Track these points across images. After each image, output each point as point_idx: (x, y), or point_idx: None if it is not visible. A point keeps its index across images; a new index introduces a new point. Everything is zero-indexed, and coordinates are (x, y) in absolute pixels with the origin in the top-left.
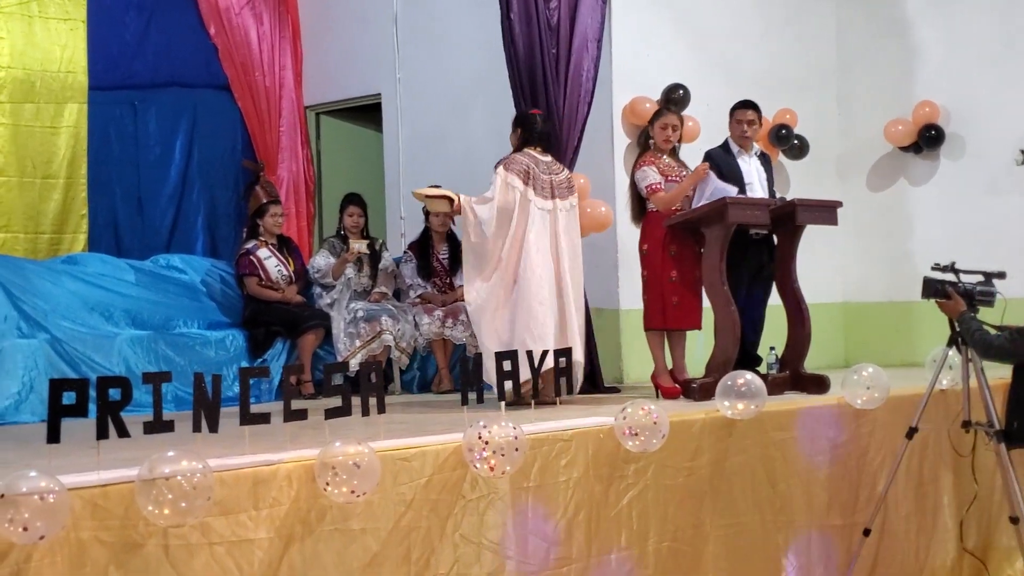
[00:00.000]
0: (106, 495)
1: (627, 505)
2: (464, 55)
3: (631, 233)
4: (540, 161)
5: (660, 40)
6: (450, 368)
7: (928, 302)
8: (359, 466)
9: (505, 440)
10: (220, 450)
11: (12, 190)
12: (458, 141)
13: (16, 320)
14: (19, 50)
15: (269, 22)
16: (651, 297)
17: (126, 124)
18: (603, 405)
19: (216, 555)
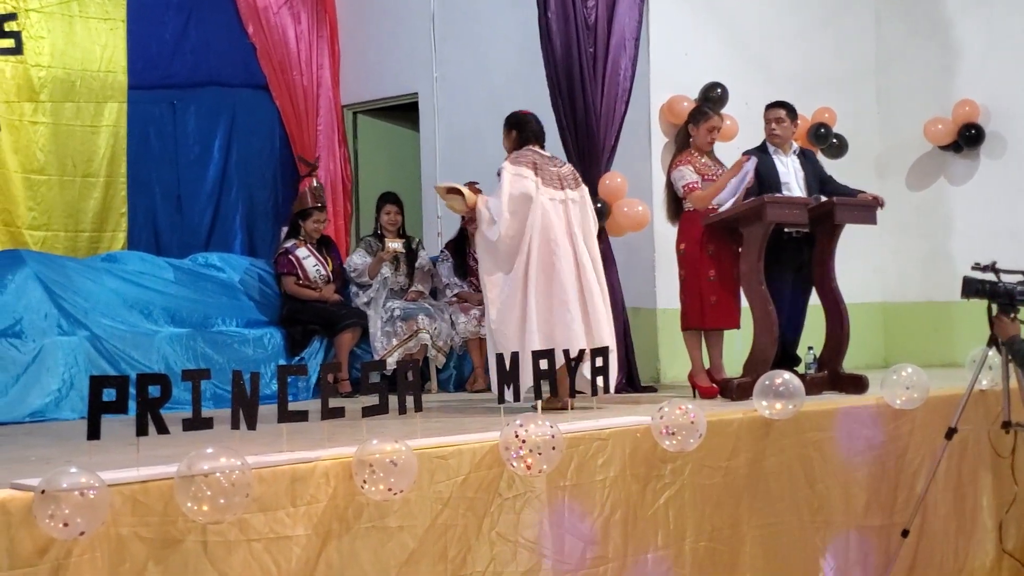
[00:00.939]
0: (146, 491)
1: (664, 505)
2: (501, 54)
3: (668, 232)
4: (542, 155)
5: (698, 39)
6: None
7: (968, 302)
8: (396, 464)
9: (542, 439)
10: (258, 447)
11: (53, 189)
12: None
13: (57, 318)
14: (60, 50)
15: (307, 21)
16: (689, 297)
17: (165, 123)
18: (640, 404)
19: (254, 552)
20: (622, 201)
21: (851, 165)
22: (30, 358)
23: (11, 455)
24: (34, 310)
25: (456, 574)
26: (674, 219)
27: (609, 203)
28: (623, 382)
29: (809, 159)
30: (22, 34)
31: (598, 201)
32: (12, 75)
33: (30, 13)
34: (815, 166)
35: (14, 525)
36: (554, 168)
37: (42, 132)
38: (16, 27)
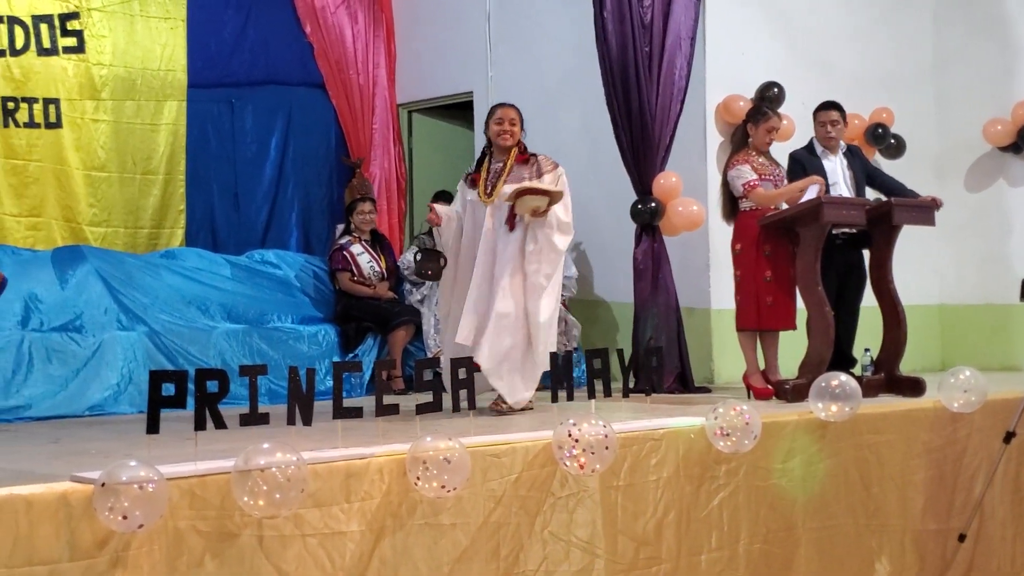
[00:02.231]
0: (203, 485)
1: (718, 506)
2: (556, 53)
3: (723, 232)
4: None
5: (755, 38)
6: None
7: None
8: (449, 461)
9: (595, 438)
10: (313, 443)
11: (113, 186)
12: (548, 139)
13: (116, 313)
14: (121, 49)
15: (364, 21)
16: (744, 297)
17: (223, 121)
18: (694, 405)
19: (309, 547)
20: (677, 200)
21: (909, 166)
22: (90, 353)
23: (71, 448)
24: (94, 305)
25: (508, 572)
26: (730, 219)
27: (664, 202)
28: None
29: (856, 156)
30: (84, 33)
31: (652, 200)
32: (74, 73)
33: (92, 12)
34: (862, 162)
35: (75, 517)
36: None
37: (103, 130)
38: (79, 26)
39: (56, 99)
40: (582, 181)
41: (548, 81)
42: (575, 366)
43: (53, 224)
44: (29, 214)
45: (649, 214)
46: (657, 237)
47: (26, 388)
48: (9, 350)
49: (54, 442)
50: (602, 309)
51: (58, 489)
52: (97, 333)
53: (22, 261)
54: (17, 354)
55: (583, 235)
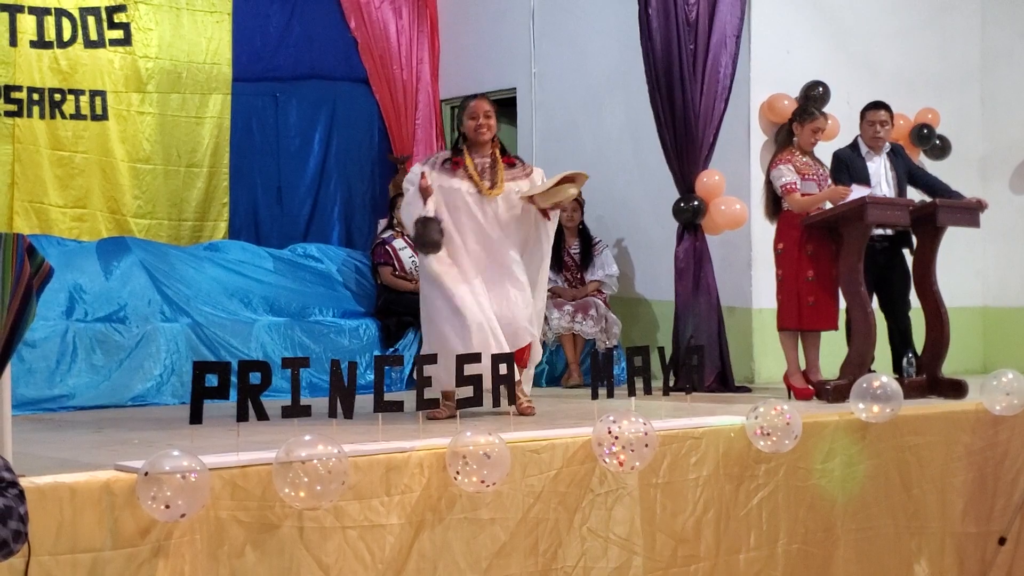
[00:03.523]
0: (245, 476)
1: (757, 506)
2: (600, 50)
3: (765, 231)
4: None
5: (800, 37)
6: (580, 363)
7: None
8: (489, 456)
9: (635, 436)
10: (354, 436)
11: (158, 178)
12: (592, 136)
13: (160, 304)
14: (167, 42)
15: (408, 16)
16: (786, 297)
17: (267, 115)
18: (734, 404)
19: (349, 539)
20: (719, 199)
21: (954, 167)
22: (133, 343)
23: (115, 438)
24: (138, 296)
25: (547, 568)
26: (772, 218)
27: (706, 201)
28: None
29: (899, 156)
30: (131, 26)
31: (694, 198)
32: (121, 66)
33: (139, 5)
34: (906, 162)
35: (118, 506)
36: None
37: (148, 122)
38: (125, 19)
39: (102, 91)
40: (625, 178)
41: (592, 78)
42: (615, 363)
43: (98, 215)
44: (75, 205)
45: (691, 212)
46: (699, 235)
47: (70, 378)
48: (54, 340)
49: (97, 431)
50: (643, 307)
51: (102, 478)
52: (141, 324)
53: (67, 252)
54: (62, 344)
55: (625, 232)
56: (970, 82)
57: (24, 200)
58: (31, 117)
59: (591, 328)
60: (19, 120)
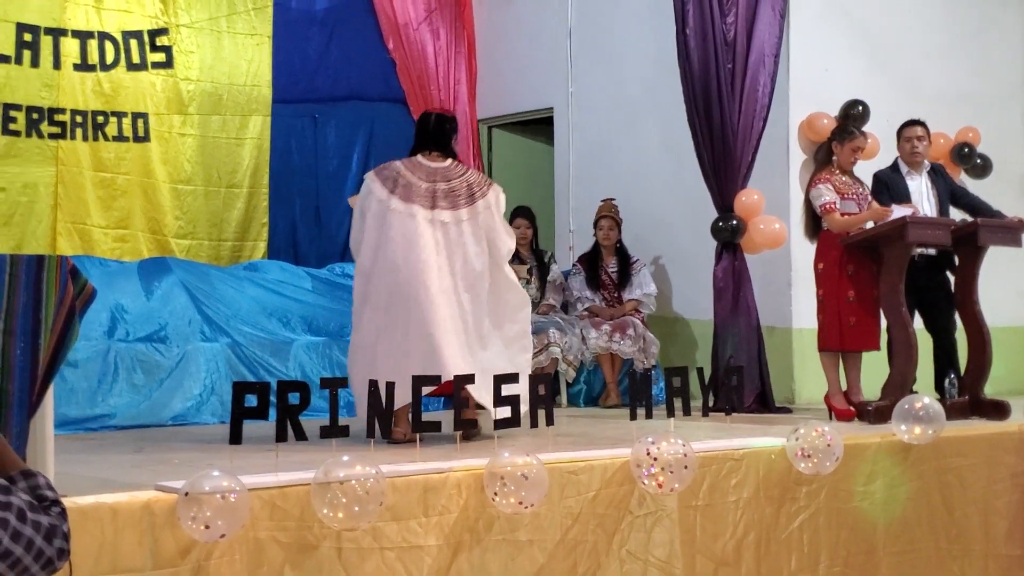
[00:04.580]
0: (284, 496)
1: (798, 528)
2: (637, 69)
3: (805, 251)
4: (422, 167)
5: (839, 55)
6: (618, 383)
7: None
8: (527, 477)
9: (674, 457)
10: (392, 456)
11: (199, 199)
12: (629, 155)
13: (200, 324)
14: (208, 64)
15: (445, 37)
16: (827, 317)
17: (306, 136)
18: (774, 425)
19: (387, 560)
20: (758, 218)
21: (995, 186)
22: (174, 363)
23: (155, 457)
24: (179, 316)
25: None
26: (812, 237)
27: (745, 220)
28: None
29: (939, 174)
30: (173, 49)
31: (733, 217)
32: (163, 88)
33: (181, 29)
34: (946, 181)
35: (158, 526)
36: (430, 183)
37: (190, 144)
38: (167, 42)
39: (145, 113)
40: (662, 197)
41: (629, 97)
42: (653, 383)
43: (140, 236)
44: (117, 226)
45: (730, 231)
46: (738, 255)
47: (111, 397)
48: (95, 360)
49: (138, 451)
50: (681, 326)
51: (142, 498)
52: (181, 344)
53: (109, 272)
54: (103, 364)
55: (663, 251)
56: (1011, 100)
57: (67, 221)
58: (74, 139)
59: (629, 348)
60: (63, 142)
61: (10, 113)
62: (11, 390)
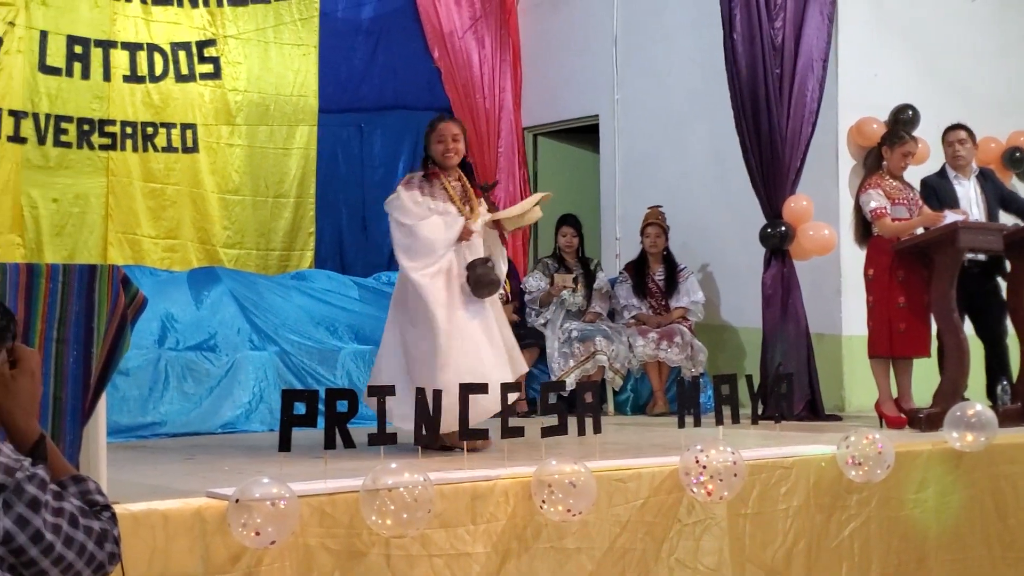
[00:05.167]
0: (333, 503)
1: (849, 536)
2: (683, 75)
3: (854, 257)
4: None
5: (888, 59)
6: (665, 391)
7: None
8: (575, 485)
9: (723, 465)
10: (439, 464)
11: (246, 208)
12: (675, 162)
13: (248, 333)
14: (255, 75)
15: (491, 45)
16: (877, 323)
17: (352, 145)
18: (824, 433)
19: (435, 567)
20: (807, 224)
21: None
22: (223, 371)
23: (205, 465)
24: (228, 325)
25: None
26: (862, 243)
27: (794, 226)
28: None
29: (989, 179)
30: (221, 60)
31: (782, 224)
32: (211, 99)
33: (228, 40)
34: (996, 186)
35: (209, 533)
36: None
37: (237, 154)
38: (215, 53)
39: (193, 124)
40: (709, 204)
41: (675, 103)
42: (701, 391)
43: (189, 246)
44: (166, 236)
45: (779, 238)
46: (787, 261)
47: (162, 405)
48: (146, 368)
49: (188, 458)
50: (729, 334)
51: (194, 504)
52: (230, 352)
53: (159, 282)
54: (154, 372)
55: (710, 258)
56: None
57: (118, 231)
58: (124, 150)
59: (676, 355)
60: (113, 153)
61: (61, 125)
62: (64, 398)
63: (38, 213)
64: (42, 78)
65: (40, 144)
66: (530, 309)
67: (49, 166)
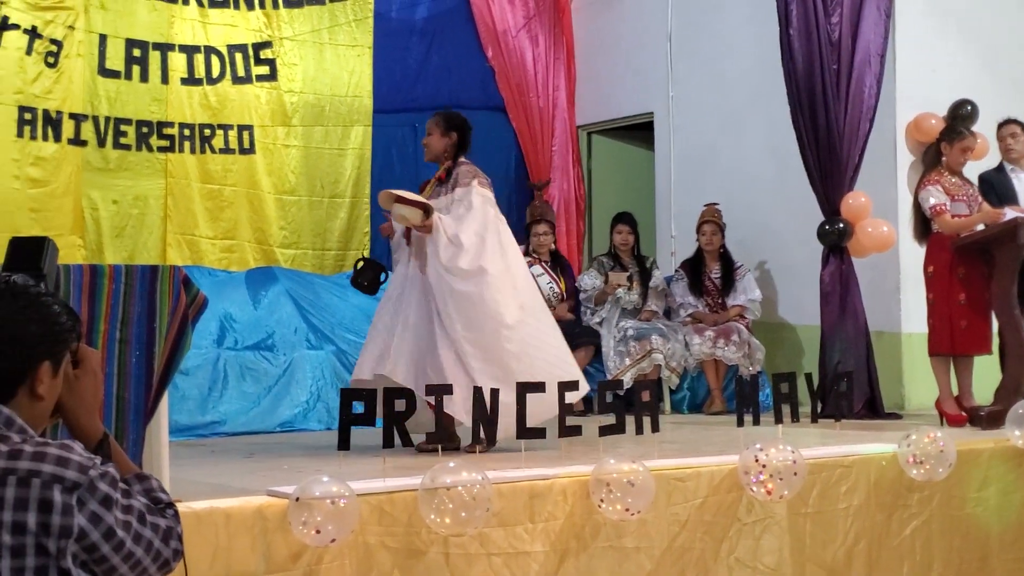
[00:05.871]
0: (391, 502)
1: (910, 536)
2: (739, 72)
3: (913, 254)
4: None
5: (947, 54)
6: (722, 389)
7: None
8: (633, 484)
9: (783, 464)
10: (497, 463)
11: (303, 209)
12: (730, 158)
13: (305, 332)
14: (311, 76)
15: (544, 43)
16: (937, 321)
17: (407, 145)
18: (884, 431)
19: (494, 566)
20: (866, 221)
21: None
22: (281, 371)
23: (265, 463)
24: (285, 325)
25: None
26: (922, 240)
27: (852, 223)
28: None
29: None
30: (277, 61)
31: (840, 221)
32: (267, 100)
33: (284, 42)
34: None
35: (270, 531)
36: None
37: (293, 155)
38: (271, 55)
39: (250, 126)
40: (767, 201)
41: (731, 100)
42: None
43: (246, 246)
44: (224, 236)
45: (837, 235)
46: (845, 259)
47: (221, 404)
48: (206, 368)
49: (248, 457)
50: (787, 332)
51: (255, 503)
52: (288, 352)
53: (218, 282)
54: (213, 371)
55: (767, 256)
56: None
57: (176, 232)
58: (182, 152)
59: (734, 354)
60: (171, 155)
61: (121, 128)
62: (127, 397)
63: (98, 215)
64: (101, 81)
65: (100, 147)
66: (585, 307)
67: (109, 168)
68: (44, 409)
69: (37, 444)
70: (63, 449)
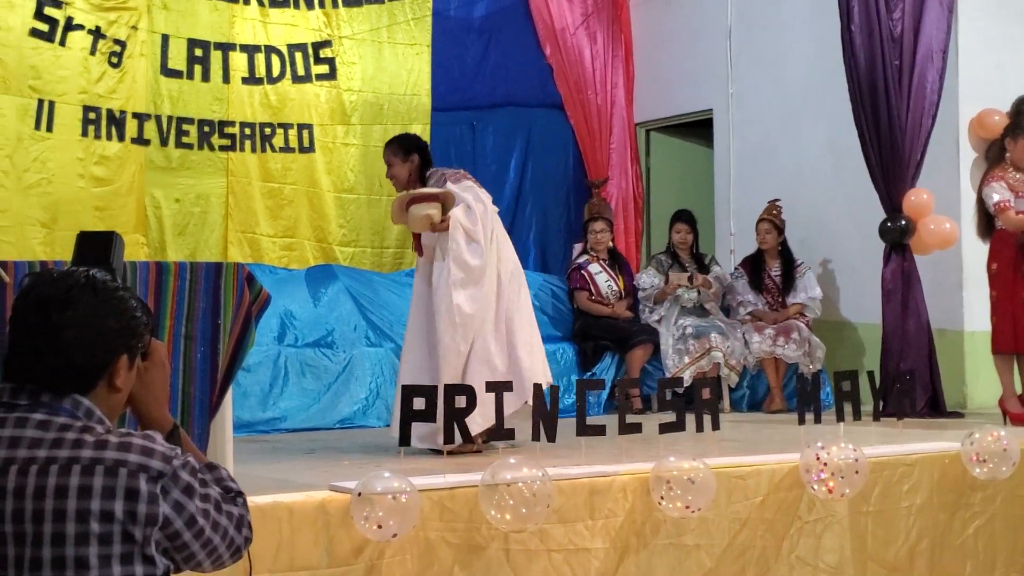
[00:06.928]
0: (452, 498)
1: (973, 535)
2: (799, 68)
3: (977, 251)
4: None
5: (1011, 49)
6: (782, 387)
7: None
8: (694, 482)
9: (845, 462)
10: (557, 459)
11: (361, 207)
12: (790, 155)
13: (365, 330)
14: (370, 75)
15: (603, 41)
16: (1001, 318)
17: (465, 143)
18: (947, 430)
19: (554, 562)
20: (928, 218)
21: None
22: (340, 367)
23: (326, 459)
24: (344, 322)
25: None
26: (985, 237)
27: (914, 220)
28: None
29: None
30: (336, 60)
31: (902, 218)
32: (326, 99)
33: (343, 41)
34: None
35: (332, 525)
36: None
37: (352, 153)
38: (331, 54)
39: (309, 124)
40: (827, 198)
41: (791, 96)
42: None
43: (306, 244)
44: (284, 235)
45: (899, 232)
46: (907, 256)
47: (282, 401)
48: (267, 365)
49: (308, 453)
50: (848, 330)
51: (317, 498)
52: (347, 349)
53: (278, 280)
54: (274, 368)
55: (828, 253)
56: None
57: (237, 230)
58: (243, 151)
59: (794, 352)
60: (232, 154)
61: (183, 127)
62: (193, 393)
63: (161, 213)
64: (164, 81)
65: (163, 145)
66: (644, 306)
67: (171, 167)
68: (120, 401)
69: (122, 435)
70: (147, 439)
